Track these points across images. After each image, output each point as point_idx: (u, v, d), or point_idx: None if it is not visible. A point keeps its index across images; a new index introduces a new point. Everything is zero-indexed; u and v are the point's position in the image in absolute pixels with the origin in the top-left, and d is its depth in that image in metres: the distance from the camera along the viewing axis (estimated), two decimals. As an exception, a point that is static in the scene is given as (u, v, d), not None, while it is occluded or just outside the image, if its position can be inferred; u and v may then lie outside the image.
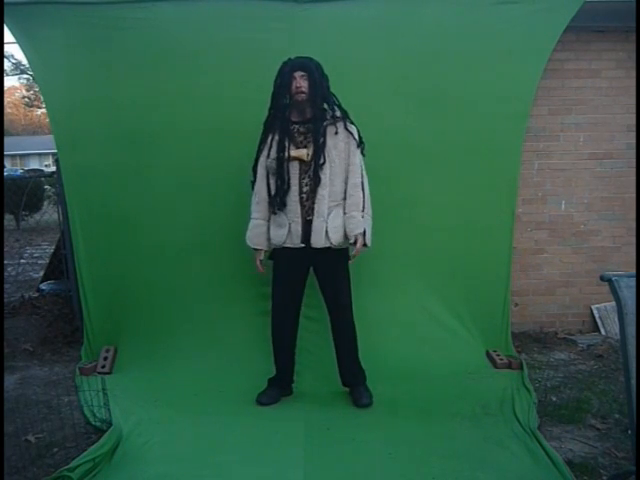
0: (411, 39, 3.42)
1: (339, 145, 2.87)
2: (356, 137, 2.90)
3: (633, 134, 4.08)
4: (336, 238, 2.87)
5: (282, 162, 2.86)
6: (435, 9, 3.41)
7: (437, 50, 3.44)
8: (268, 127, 2.95)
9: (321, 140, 2.84)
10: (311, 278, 3.07)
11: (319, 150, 2.83)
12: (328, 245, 2.86)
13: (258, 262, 3.03)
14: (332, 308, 3.02)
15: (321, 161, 2.83)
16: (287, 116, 2.89)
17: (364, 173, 2.92)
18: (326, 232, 2.85)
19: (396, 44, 3.41)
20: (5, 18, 3.22)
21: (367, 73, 3.39)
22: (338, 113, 2.90)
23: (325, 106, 2.89)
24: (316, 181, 2.84)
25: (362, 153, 2.94)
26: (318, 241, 2.85)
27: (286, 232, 2.90)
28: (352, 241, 2.86)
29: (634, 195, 4.12)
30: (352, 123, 2.93)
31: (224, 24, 3.34)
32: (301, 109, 2.88)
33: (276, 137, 2.89)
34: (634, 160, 4.08)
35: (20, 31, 3.31)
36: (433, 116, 3.48)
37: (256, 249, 3.01)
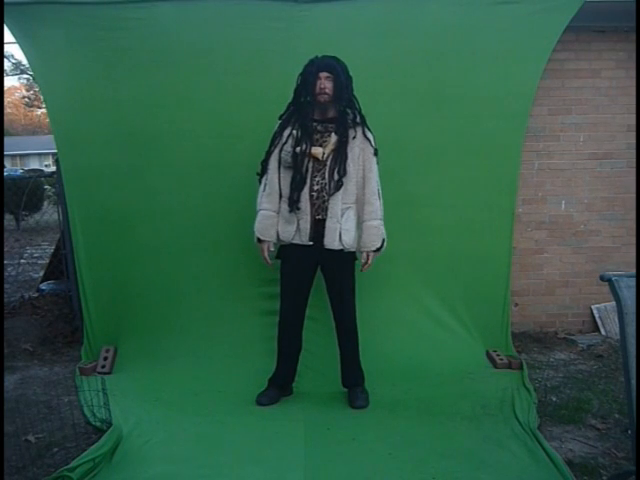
0: (411, 39, 3.42)
1: (354, 149, 2.88)
2: (373, 144, 2.91)
3: (633, 134, 4.08)
4: (348, 240, 2.88)
5: (299, 158, 2.84)
6: (435, 9, 3.41)
7: (437, 50, 3.44)
8: (285, 122, 2.93)
9: (341, 142, 2.84)
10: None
11: (341, 155, 2.84)
12: (341, 247, 2.87)
13: (266, 254, 2.96)
14: (336, 307, 3.02)
15: (342, 169, 2.83)
16: (309, 113, 2.87)
17: (378, 180, 2.93)
18: (339, 234, 2.86)
19: (396, 44, 3.41)
20: (5, 18, 3.22)
21: (366, 73, 3.37)
22: (358, 118, 2.91)
23: (348, 110, 2.89)
24: (333, 184, 2.83)
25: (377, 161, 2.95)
26: (331, 243, 2.86)
27: (294, 229, 2.89)
28: (364, 259, 2.92)
29: (634, 195, 4.12)
30: (369, 129, 2.93)
31: (224, 24, 3.35)
32: (323, 109, 2.88)
33: (294, 132, 2.87)
34: (634, 160, 4.08)
35: (20, 31, 3.32)
36: (433, 116, 3.49)
37: (264, 241, 2.95)
